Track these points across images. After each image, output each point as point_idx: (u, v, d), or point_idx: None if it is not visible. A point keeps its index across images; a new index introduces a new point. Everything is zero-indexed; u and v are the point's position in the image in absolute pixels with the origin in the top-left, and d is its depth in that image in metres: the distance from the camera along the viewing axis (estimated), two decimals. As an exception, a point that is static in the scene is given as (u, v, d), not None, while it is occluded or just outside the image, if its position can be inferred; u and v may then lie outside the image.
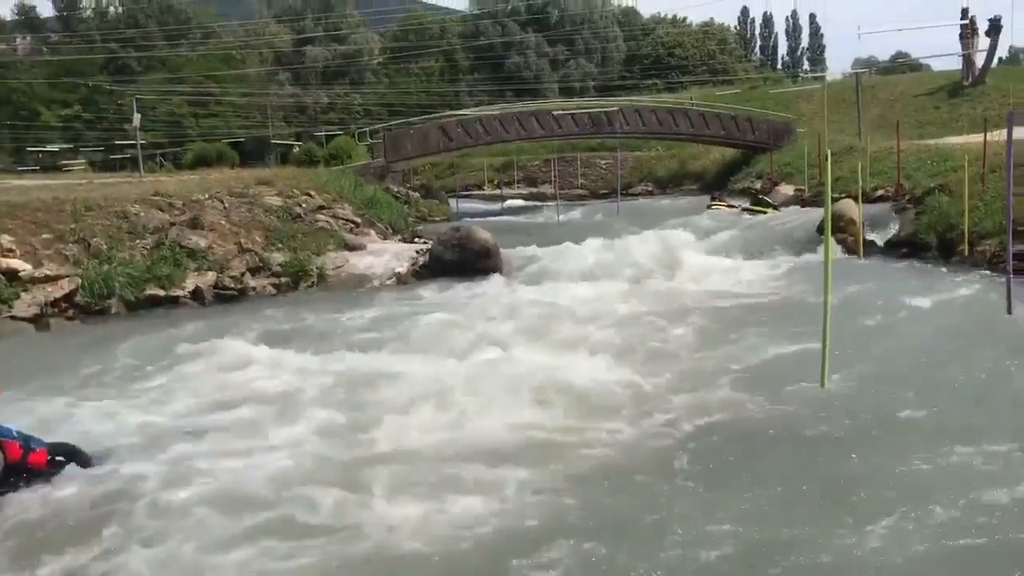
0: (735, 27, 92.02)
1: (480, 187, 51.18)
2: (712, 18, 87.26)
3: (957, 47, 45.70)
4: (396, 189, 32.11)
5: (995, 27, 43.92)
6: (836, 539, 5.33)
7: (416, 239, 21.91)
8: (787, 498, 5.97)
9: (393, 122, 47.22)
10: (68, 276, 14.09)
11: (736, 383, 8.63)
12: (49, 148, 57.80)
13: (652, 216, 26.94)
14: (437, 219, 31.23)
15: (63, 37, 74.06)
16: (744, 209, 24.70)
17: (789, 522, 5.59)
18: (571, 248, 18.30)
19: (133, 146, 41.43)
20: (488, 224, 22.63)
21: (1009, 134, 9.70)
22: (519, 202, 43.75)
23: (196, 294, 15.37)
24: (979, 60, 45.60)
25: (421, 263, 17.79)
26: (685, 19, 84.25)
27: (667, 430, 7.45)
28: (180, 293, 15.19)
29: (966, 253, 15.21)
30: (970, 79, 45.65)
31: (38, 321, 13.26)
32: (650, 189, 44.14)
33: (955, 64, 49.30)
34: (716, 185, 39.43)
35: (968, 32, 44.08)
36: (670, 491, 6.20)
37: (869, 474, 6.25)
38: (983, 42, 44.81)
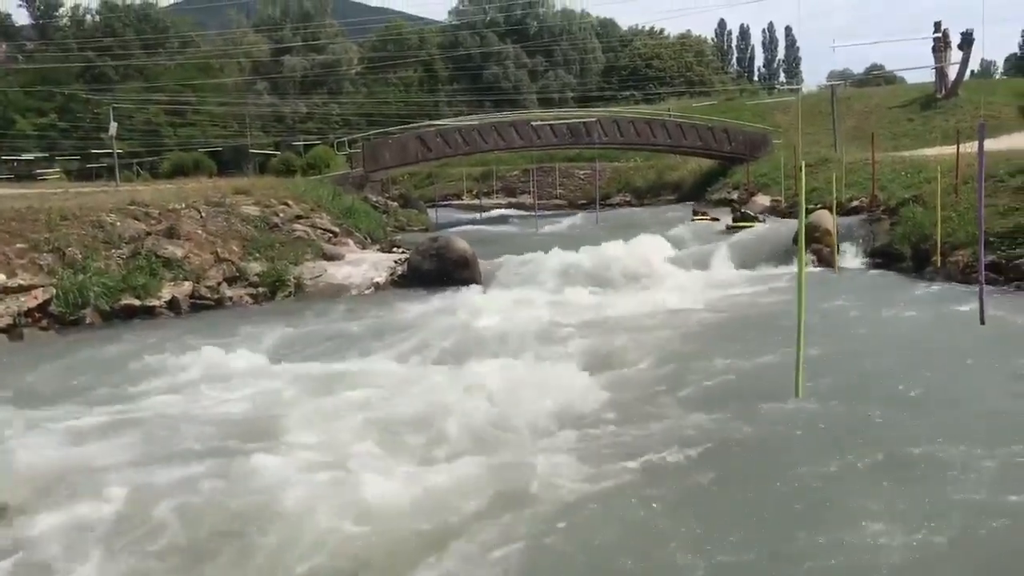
0: (712, 39, 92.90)
1: (459, 197, 51.19)
2: (689, 30, 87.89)
3: (930, 60, 46.31)
4: (375, 199, 32.10)
5: (967, 41, 44.59)
6: (808, 551, 5.36)
7: (394, 249, 21.89)
8: (760, 509, 6.00)
9: (372, 132, 47.26)
10: (42, 286, 13.97)
11: (710, 393, 8.68)
12: (24, 156, 57.27)
13: (631, 226, 27.02)
14: (416, 229, 31.22)
15: (39, 45, 73.59)
16: (729, 227, 23.24)
17: (761, 533, 5.62)
18: (548, 258, 18.33)
19: (109, 155, 41.14)
20: (467, 234, 22.65)
21: (980, 146, 9.81)
22: (500, 211, 43.80)
23: (172, 304, 15.28)
24: (952, 73, 46.22)
25: (399, 273, 17.77)
26: (663, 31, 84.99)
27: (640, 437, 7.46)
28: (156, 303, 15.09)
29: (939, 264, 15.38)
30: (943, 92, 46.24)
31: (11, 331, 13.14)
32: (628, 199, 44.31)
33: (928, 77, 50.02)
34: (694, 195, 39.66)
35: (941, 45, 44.69)
36: (640, 502, 6.20)
37: (842, 484, 6.30)
38: (956, 55, 45.45)
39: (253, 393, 9.21)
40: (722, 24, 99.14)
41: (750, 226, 22.24)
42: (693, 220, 27.54)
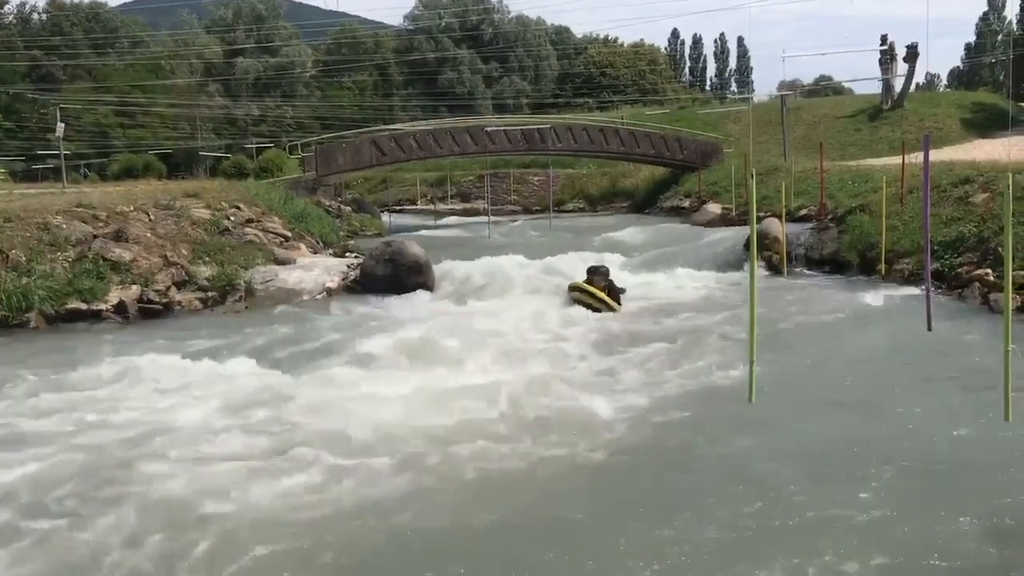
0: (665, 48, 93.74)
1: (413, 202, 50.98)
2: (643, 39, 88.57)
3: (877, 72, 47.24)
4: (328, 203, 31.78)
5: (912, 54, 45.57)
6: (757, 555, 5.42)
7: (348, 253, 21.70)
8: (710, 515, 6.05)
9: (325, 135, 46.84)
10: (-16, 289, 13.64)
11: (664, 399, 8.74)
12: (-34, 157, 55.92)
13: (584, 233, 27.14)
14: (369, 234, 30.95)
15: (-17, 43, 71.87)
16: (573, 295, 14.99)
17: (709, 538, 5.67)
18: (502, 264, 18.32)
19: (56, 156, 40.32)
20: (422, 239, 22.55)
21: (926, 157, 10.00)
22: (454, 217, 43.71)
23: (120, 308, 14.98)
24: (898, 85, 47.18)
25: (352, 278, 17.62)
26: (616, 39, 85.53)
27: (590, 446, 7.49)
28: (103, 307, 14.79)
29: (884, 272, 15.68)
30: (889, 103, 47.19)
31: (-49, 335, 12.80)
32: (582, 206, 44.49)
33: (875, 88, 50.98)
34: (646, 203, 39.97)
35: (887, 58, 45.62)
36: (587, 510, 6.22)
37: (792, 490, 6.38)
38: (901, 67, 46.41)
39: (180, 400, 9.07)
40: (675, 33, 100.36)
41: (613, 310, 14.17)
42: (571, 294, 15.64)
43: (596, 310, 13.87)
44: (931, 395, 8.49)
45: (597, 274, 14.42)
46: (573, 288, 14.22)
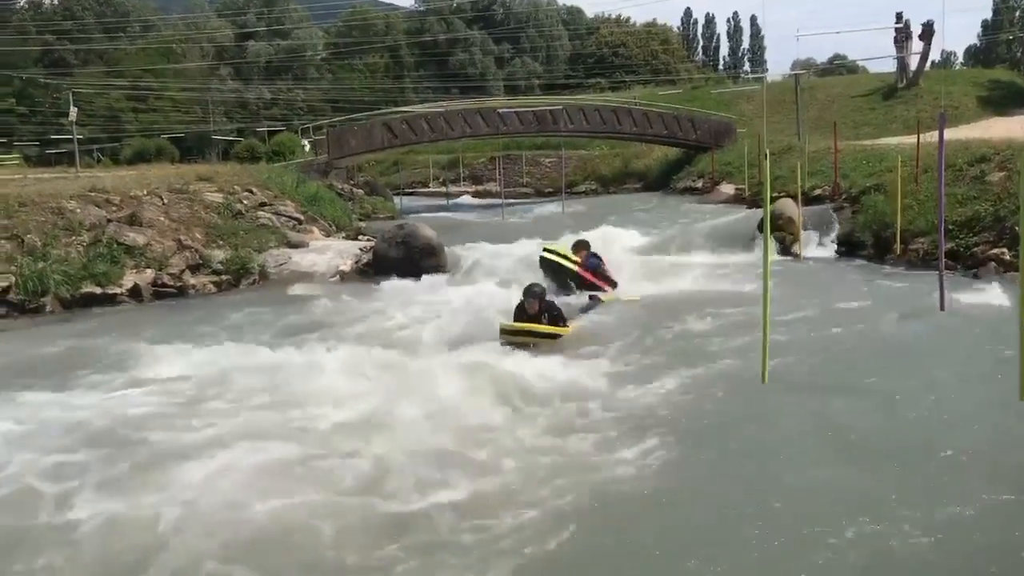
0: (678, 28, 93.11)
1: (425, 184, 51.02)
2: (655, 19, 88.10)
3: (892, 50, 46.85)
4: (340, 186, 31.82)
5: (928, 31, 45.13)
6: (766, 541, 5.42)
7: (360, 236, 21.76)
8: (719, 496, 6.06)
9: (337, 118, 46.88)
10: (1, 274, 13.74)
11: (677, 380, 8.72)
12: (-19, 142, 56.25)
13: (597, 214, 27.06)
14: (382, 216, 31.02)
15: (-5, 28, 72.07)
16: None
17: (716, 522, 5.68)
18: (514, 247, 18.32)
19: (69, 141, 40.44)
20: (434, 221, 22.56)
21: (941, 135, 9.95)
22: (466, 199, 43.70)
23: (134, 292, 15.10)
24: (913, 63, 46.78)
25: (365, 261, 17.67)
26: (629, 19, 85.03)
27: (600, 428, 7.51)
28: (118, 291, 14.92)
29: (899, 251, 15.60)
30: (904, 81, 46.80)
31: (-32, 319, 12.93)
32: (594, 188, 44.39)
33: (890, 67, 50.57)
34: (659, 184, 39.88)
35: (902, 36, 45.24)
36: (599, 493, 6.23)
37: (802, 471, 6.38)
38: (916, 46, 46.00)
39: (194, 383, 9.10)
40: (688, 12, 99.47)
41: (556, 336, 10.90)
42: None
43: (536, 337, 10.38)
44: (942, 375, 8.45)
45: (531, 295, 10.69)
46: (504, 331, 10.43)
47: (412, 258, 16.88)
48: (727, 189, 30.94)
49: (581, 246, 13.25)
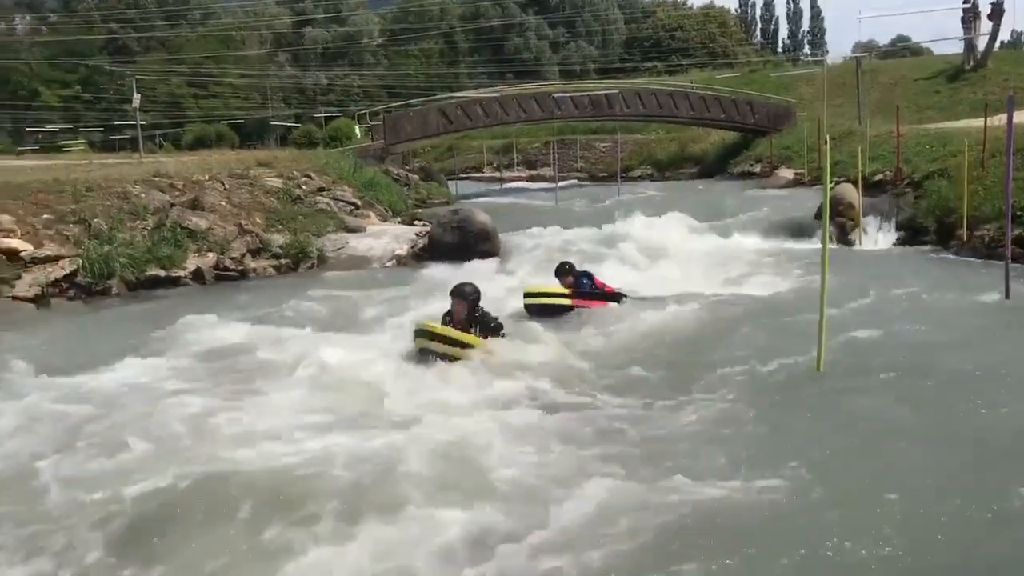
0: (736, 10, 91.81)
1: (479, 169, 51.17)
2: (713, 1, 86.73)
3: (959, 31, 45.56)
4: (396, 171, 32.05)
5: (997, 11, 43.75)
6: (828, 527, 5.38)
7: (416, 221, 21.94)
8: (776, 483, 6.01)
9: (392, 104, 47.17)
10: (69, 256, 14.13)
11: (732, 366, 8.62)
12: (49, 128, 57.69)
13: (652, 199, 26.90)
14: (436, 202, 31.20)
15: (62, 17, 73.93)
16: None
17: (775, 511, 5.64)
18: (569, 233, 18.34)
19: (133, 127, 41.33)
20: (488, 207, 22.65)
21: (1009, 118, 9.71)
22: (520, 184, 43.73)
23: (197, 275, 15.44)
24: (981, 44, 45.46)
25: (421, 246, 17.83)
26: (686, 2, 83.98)
27: (660, 411, 7.50)
28: (181, 274, 15.26)
29: (965, 238, 15.26)
30: (971, 63, 45.52)
31: (39, 301, 13.30)
32: (650, 172, 44.09)
33: (956, 48, 49.24)
34: (716, 169, 39.47)
35: (970, 16, 43.92)
36: (658, 474, 6.23)
37: (861, 460, 6.30)
38: (985, 26, 44.65)
39: (280, 359, 9.25)
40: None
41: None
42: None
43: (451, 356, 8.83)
44: (1004, 365, 8.25)
45: (459, 295, 9.38)
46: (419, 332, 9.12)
47: (467, 243, 16.99)
48: (786, 174, 30.51)
49: (565, 271, 11.44)
